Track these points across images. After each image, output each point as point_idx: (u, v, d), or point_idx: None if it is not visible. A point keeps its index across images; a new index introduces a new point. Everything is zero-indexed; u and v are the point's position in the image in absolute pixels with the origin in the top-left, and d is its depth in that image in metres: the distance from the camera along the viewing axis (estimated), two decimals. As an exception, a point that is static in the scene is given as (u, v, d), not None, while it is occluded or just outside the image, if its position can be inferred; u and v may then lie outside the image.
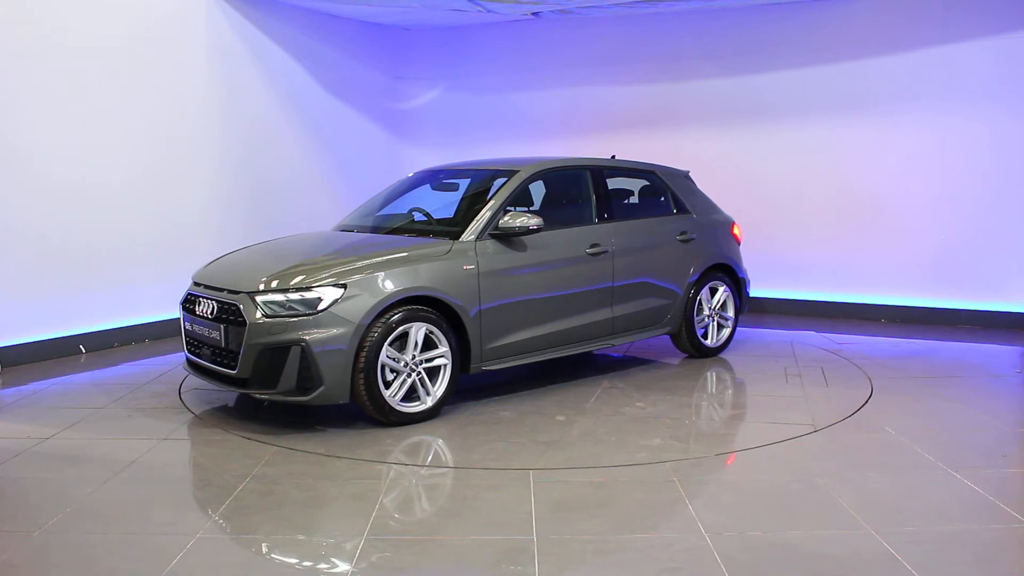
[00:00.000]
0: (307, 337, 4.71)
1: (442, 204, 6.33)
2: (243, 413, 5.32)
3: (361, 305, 4.81)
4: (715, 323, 6.77)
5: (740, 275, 6.95)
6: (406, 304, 4.96)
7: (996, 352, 7.16)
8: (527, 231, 5.47)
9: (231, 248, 8.17)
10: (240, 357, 4.83)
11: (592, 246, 5.93)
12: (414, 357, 4.98)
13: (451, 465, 4.46)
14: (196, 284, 5.40)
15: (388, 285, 4.93)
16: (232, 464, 4.46)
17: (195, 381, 6.10)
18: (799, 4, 8.44)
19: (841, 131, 8.40)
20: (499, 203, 5.62)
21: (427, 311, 5.04)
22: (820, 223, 8.55)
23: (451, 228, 5.59)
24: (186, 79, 7.72)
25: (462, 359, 5.25)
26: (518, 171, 5.90)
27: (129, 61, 7.23)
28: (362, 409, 4.95)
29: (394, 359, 4.91)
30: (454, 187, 6.40)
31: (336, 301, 4.78)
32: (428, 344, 5.06)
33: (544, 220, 5.56)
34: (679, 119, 9.12)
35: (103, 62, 7.04)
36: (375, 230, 6.07)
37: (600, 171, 6.34)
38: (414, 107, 10.28)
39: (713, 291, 6.74)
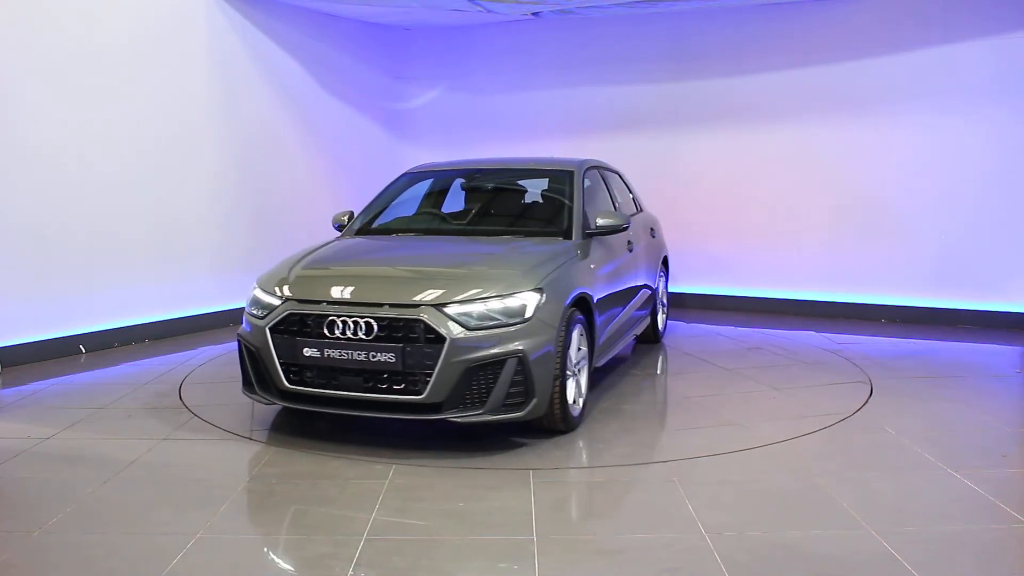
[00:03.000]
0: (523, 347, 4.37)
1: (483, 204, 6.27)
2: (243, 413, 5.31)
3: (555, 309, 4.56)
4: (660, 311, 7.33)
5: (668, 267, 7.56)
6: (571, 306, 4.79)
7: (996, 352, 7.16)
8: (620, 228, 5.52)
9: (233, 247, 8.21)
10: (433, 378, 4.30)
11: (627, 242, 6.11)
12: (573, 359, 4.82)
13: (458, 465, 4.45)
14: (304, 301, 4.60)
15: (567, 287, 4.75)
16: (232, 464, 4.47)
17: (196, 381, 6.11)
18: (799, 4, 8.44)
19: (841, 131, 8.40)
20: (580, 202, 5.62)
21: (578, 312, 4.89)
22: (820, 223, 8.56)
23: (554, 228, 5.50)
24: (186, 79, 7.72)
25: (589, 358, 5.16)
26: (571, 171, 5.92)
27: (129, 61, 7.23)
28: (544, 419, 4.64)
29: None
30: (486, 187, 6.35)
31: (539, 306, 4.48)
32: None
33: None
34: (679, 119, 9.12)
35: (103, 62, 7.04)
36: (452, 233, 5.78)
37: (601, 170, 6.53)
38: (414, 107, 10.28)
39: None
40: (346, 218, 6.06)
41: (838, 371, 6.32)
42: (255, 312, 4.78)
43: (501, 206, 6.22)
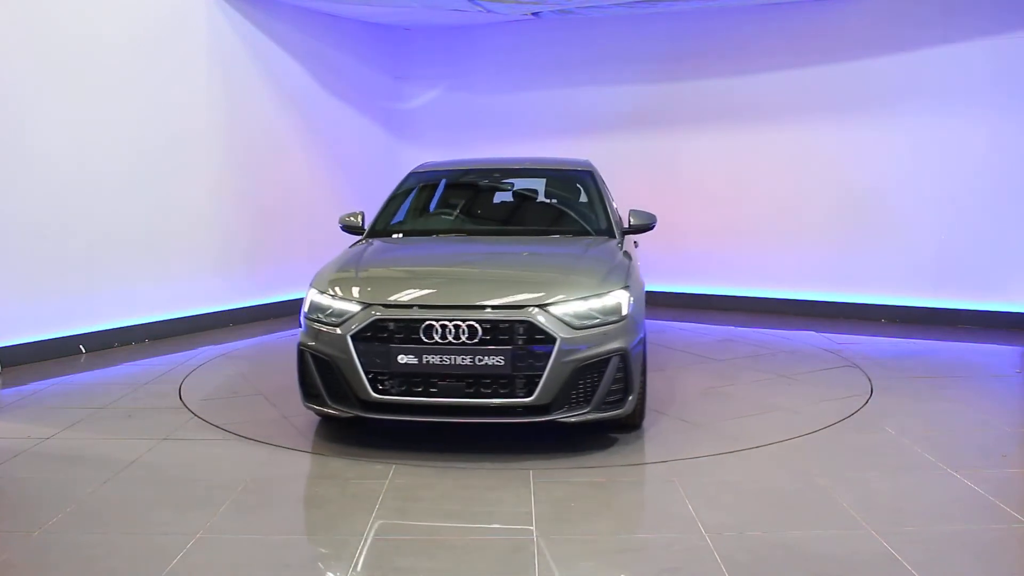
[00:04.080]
0: (624, 345, 4.40)
1: (508, 202, 6.27)
2: (243, 413, 5.31)
3: (639, 307, 4.66)
4: None
5: None
6: None
7: (996, 352, 7.16)
8: (651, 226, 5.61)
9: (233, 247, 8.21)
10: (543, 380, 4.25)
11: (634, 240, 6.13)
12: None
13: (458, 465, 4.44)
14: (391, 306, 4.37)
15: (641, 284, 4.83)
16: (232, 464, 4.46)
17: (197, 381, 6.11)
18: (798, 4, 8.44)
19: (841, 131, 8.40)
20: (609, 201, 5.74)
21: None
22: (820, 223, 8.55)
23: (596, 227, 5.58)
24: (186, 79, 7.72)
25: None
26: (589, 170, 6.04)
27: (129, 61, 7.23)
28: (624, 417, 4.61)
29: None
30: (508, 186, 6.33)
31: (630, 304, 4.53)
32: None
33: None
34: (678, 119, 9.12)
35: (103, 62, 7.04)
36: (498, 233, 5.70)
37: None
38: (414, 107, 10.28)
39: None
40: (359, 219, 5.75)
41: (838, 371, 6.32)
42: (324, 319, 4.50)
43: (530, 205, 6.18)
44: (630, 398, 4.48)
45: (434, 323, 4.26)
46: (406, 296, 4.46)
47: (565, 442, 4.70)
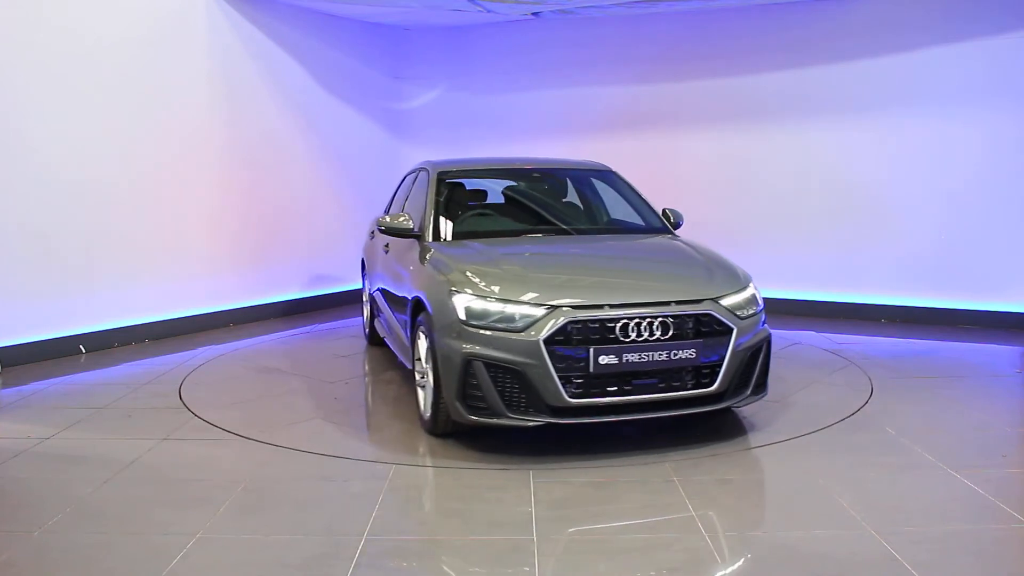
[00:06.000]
0: (768, 333, 4.78)
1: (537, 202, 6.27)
2: (243, 413, 5.32)
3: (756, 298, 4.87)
4: None
5: None
6: None
7: (996, 352, 7.16)
8: (680, 225, 5.83)
9: (232, 246, 8.21)
10: (723, 369, 4.46)
11: None
12: None
13: (458, 465, 4.44)
14: (581, 307, 4.30)
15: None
16: (232, 464, 4.47)
17: (197, 381, 6.11)
18: (798, 5, 8.44)
19: (840, 131, 8.40)
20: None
21: None
22: (820, 223, 8.55)
23: (655, 224, 5.81)
24: (187, 79, 7.73)
25: None
26: (610, 169, 6.23)
27: (129, 61, 7.23)
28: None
29: None
30: (548, 187, 6.35)
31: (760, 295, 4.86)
32: None
33: None
34: (678, 119, 9.12)
35: (103, 62, 7.04)
36: (581, 232, 5.73)
37: None
38: (414, 107, 10.28)
39: None
40: (409, 222, 5.40)
41: (838, 371, 6.32)
42: (497, 324, 4.31)
43: (587, 204, 6.21)
44: (767, 381, 4.82)
45: (628, 322, 4.30)
46: (592, 296, 4.43)
47: (565, 442, 4.70)
